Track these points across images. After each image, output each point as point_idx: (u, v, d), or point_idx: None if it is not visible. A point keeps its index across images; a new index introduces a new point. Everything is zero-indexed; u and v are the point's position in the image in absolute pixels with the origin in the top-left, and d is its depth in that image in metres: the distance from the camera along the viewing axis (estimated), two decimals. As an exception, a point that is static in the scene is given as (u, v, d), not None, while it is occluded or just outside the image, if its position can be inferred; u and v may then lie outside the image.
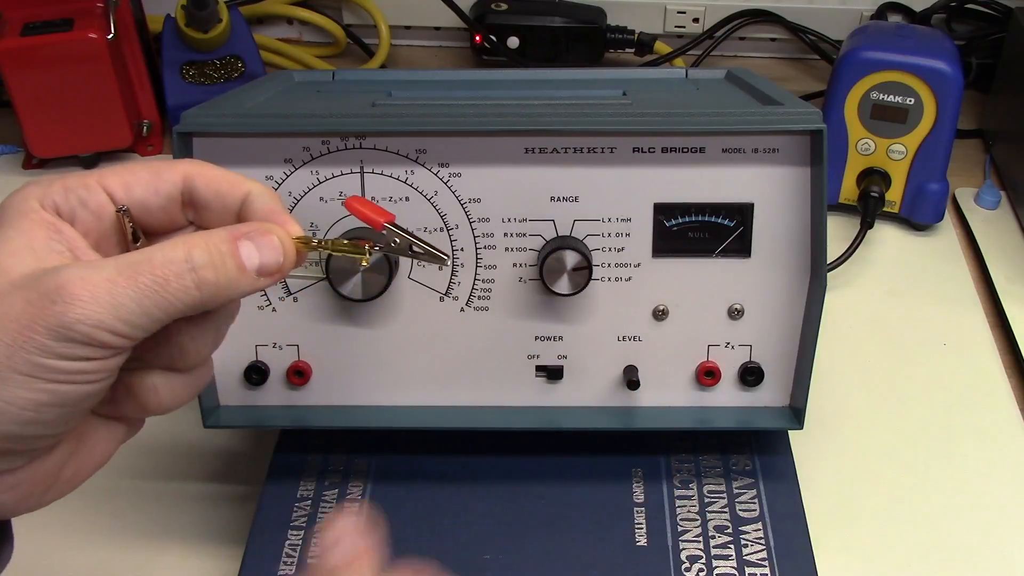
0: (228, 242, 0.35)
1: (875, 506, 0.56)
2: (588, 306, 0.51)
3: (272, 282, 0.37)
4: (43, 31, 0.77)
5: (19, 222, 0.35)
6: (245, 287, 0.36)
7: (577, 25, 0.96)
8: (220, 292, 0.35)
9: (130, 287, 0.33)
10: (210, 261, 0.35)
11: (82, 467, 0.38)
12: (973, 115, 0.91)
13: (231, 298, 0.36)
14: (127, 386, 0.37)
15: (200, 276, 0.34)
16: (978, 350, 0.67)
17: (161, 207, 0.38)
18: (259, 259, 0.36)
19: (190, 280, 0.34)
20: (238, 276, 0.35)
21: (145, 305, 0.33)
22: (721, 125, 0.48)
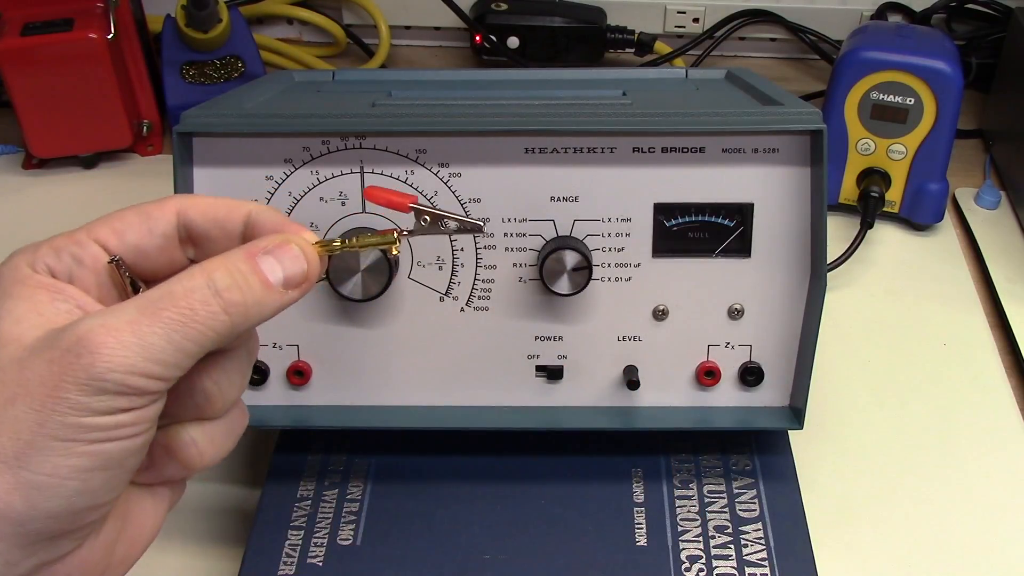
0: (247, 260, 0.34)
1: (875, 506, 0.56)
2: (588, 306, 0.51)
3: (300, 294, 0.35)
4: (43, 31, 0.77)
5: (17, 290, 0.33)
6: (274, 303, 0.34)
7: (577, 25, 0.96)
8: (250, 313, 0.33)
9: (156, 324, 0.31)
10: (233, 282, 0.33)
11: (133, 545, 0.36)
12: (973, 115, 0.92)
13: (262, 319, 0.34)
14: (164, 446, 0.35)
15: (226, 299, 0.32)
16: (978, 350, 0.67)
17: (159, 248, 0.36)
18: (282, 271, 0.34)
19: (217, 305, 0.32)
20: (264, 293, 0.34)
21: (176, 340, 0.31)
22: (721, 125, 0.48)
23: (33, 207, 0.80)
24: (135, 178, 0.84)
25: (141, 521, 0.36)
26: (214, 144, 0.49)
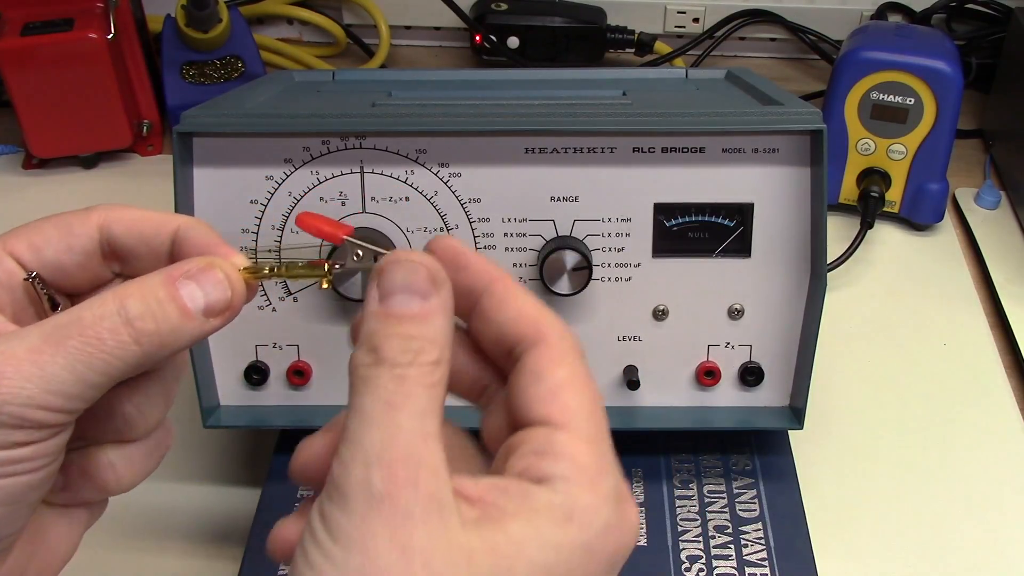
0: (165, 285, 0.31)
1: (875, 506, 0.56)
2: (588, 306, 0.51)
3: (224, 322, 0.33)
4: (43, 31, 0.77)
5: None
6: (192, 333, 0.32)
7: (577, 25, 0.96)
8: (165, 342, 0.31)
9: (59, 354, 0.29)
10: (147, 310, 0.30)
11: (46, 569, 0.34)
12: (973, 115, 0.91)
13: (179, 347, 0.32)
14: (80, 468, 0.33)
15: (138, 328, 0.30)
16: (978, 350, 0.67)
17: (78, 264, 0.34)
18: (204, 299, 0.32)
19: (127, 335, 0.30)
20: (181, 322, 0.31)
21: (80, 371, 0.29)
22: (721, 125, 0.48)
23: (33, 207, 0.80)
24: (135, 178, 0.84)
25: (55, 543, 0.34)
26: (214, 144, 0.49)
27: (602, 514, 0.29)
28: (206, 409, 0.52)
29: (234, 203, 0.50)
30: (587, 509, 0.29)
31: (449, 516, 0.27)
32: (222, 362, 0.52)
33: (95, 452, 0.34)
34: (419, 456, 0.28)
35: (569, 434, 0.30)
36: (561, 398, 0.31)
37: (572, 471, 0.29)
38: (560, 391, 0.31)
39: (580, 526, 0.29)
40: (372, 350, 0.30)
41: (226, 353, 0.52)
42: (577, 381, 0.31)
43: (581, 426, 0.31)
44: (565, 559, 0.28)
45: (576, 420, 0.31)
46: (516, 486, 0.29)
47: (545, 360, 0.31)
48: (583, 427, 0.31)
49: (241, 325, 0.51)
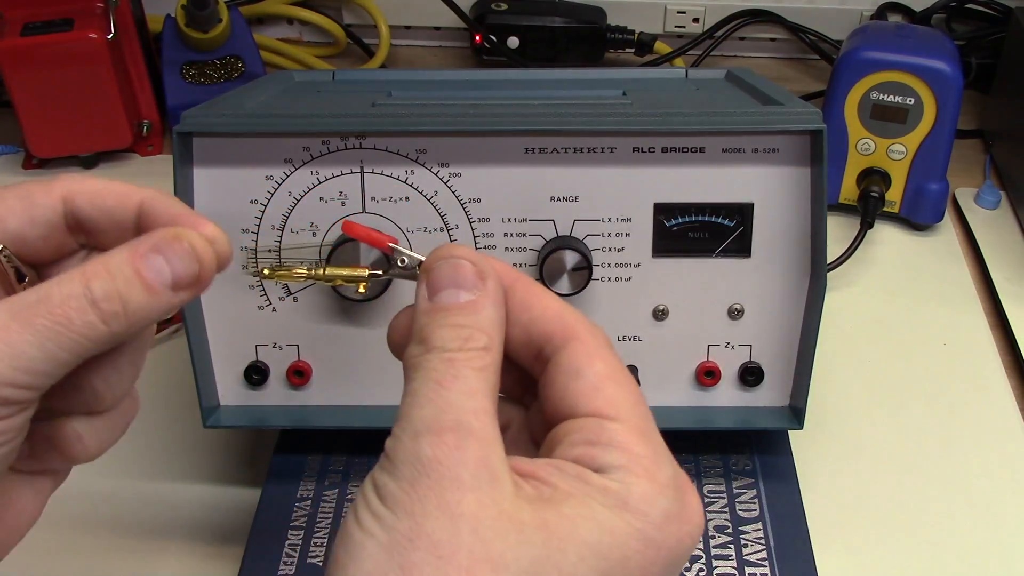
0: (129, 262, 0.31)
1: (875, 506, 0.56)
2: (588, 306, 0.51)
3: (194, 294, 0.32)
4: (43, 31, 0.77)
5: None
6: (160, 307, 0.31)
7: (577, 25, 0.96)
8: (131, 320, 0.31)
9: (28, 332, 0.29)
10: (113, 289, 0.30)
11: (10, 533, 0.34)
12: (973, 115, 0.91)
13: (148, 321, 0.31)
14: (46, 438, 0.34)
15: (104, 310, 0.30)
16: (978, 350, 0.67)
17: (41, 237, 0.34)
18: (171, 273, 0.31)
19: (94, 315, 0.30)
20: (148, 299, 0.31)
21: (48, 349, 0.29)
22: (721, 125, 0.48)
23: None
24: (135, 178, 0.83)
25: (19, 508, 0.35)
26: (214, 144, 0.49)
27: (660, 503, 0.29)
28: (206, 409, 0.52)
29: (234, 203, 0.50)
30: (644, 497, 0.29)
31: (501, 486, 0.28)
32: (222, 362, 0.52)
33: (62, 423, 0.34)
34: (469, 426, 0.28)
35: (621, 424, 0.30)
36: (605, 391, 0.31)
37: (627, 460, 0.29)
38: (603, 385, 0.31)
39: (636, 513, 0.28)
40: (422, 341, 0.31)
41: (226, 353, 0.52)
42: (617, 374, 0.32)
43: (630, 418, 0.31)
44: (620, 543, 0.28)
45: (624, 412, 0.31)
46: (572, 468, 0.29)
47: (581, 356, 0.32)
48: (632, 418, 0.31)
49: (241, 325, 0.52)
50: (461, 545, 0.26)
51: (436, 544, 0.26)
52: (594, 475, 0.29)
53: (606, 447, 0.30)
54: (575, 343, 0.32)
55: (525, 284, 0.33)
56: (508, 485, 0.28)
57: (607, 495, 0.28)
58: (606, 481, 0.29)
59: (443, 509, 0.27)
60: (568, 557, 0.27)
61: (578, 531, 0.27)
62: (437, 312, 0.31)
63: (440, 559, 0.26)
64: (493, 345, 0.31)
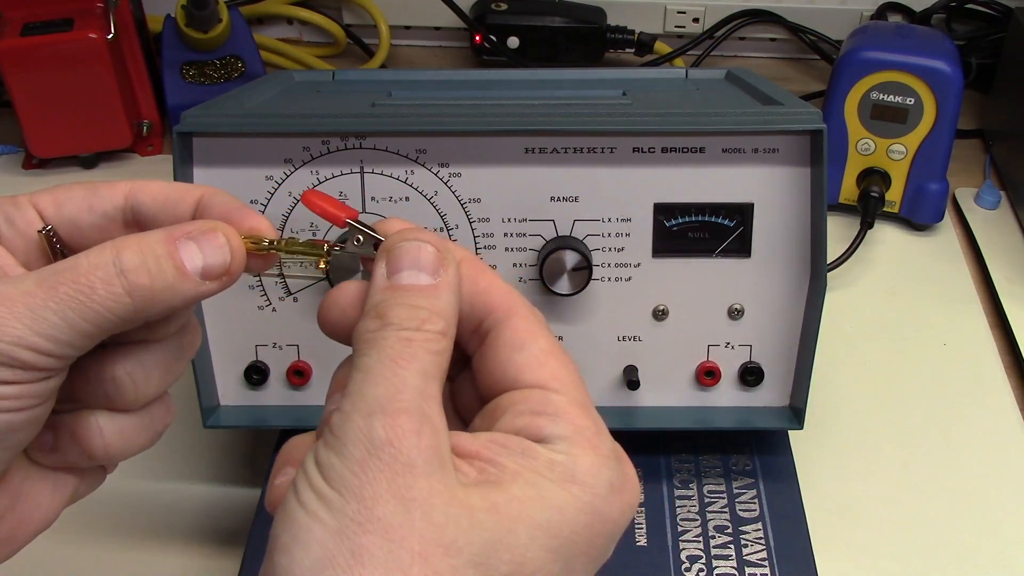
0: (165, 243, 0.31)
1: (875, 506, 0.56)
2: (588, 306, 0.51)
3: (220, 287, 0.32)
4: (43, 31, 0.77)
5: None
6: (187, 292, 0.31)
7: (577, 25, 0.96)
8: (156, 298, 0.31)
9: (51, 298, 0.29)
10: (143, 263, 0.30)
11: (20, 526, 0.34)
12: (973, 115, 0.91)
13: (171, 305, 0.31)
14: (70, 429, 0.33)
15: (131, 281, 0.30)
16: (978, 350, 0.67)
17: (95, 226, 0.34)
18: (202, 260, 0.32)
19: (120, 286, 0.30)
20: (177, 279, 0.31)
21: (70, 317, 0.29)
22: (721, 125, 0.48)
23: (33, 207, 0.80)
24: (135, 178, 0.84)
25: (34, 503, 0.34)
26: (214, 144, 0.49)
27: (604, 474, 0.29)
28: (206, 409, 0.52)
29: (234, 203, 0.50)
30: (589, 470, 0.29)
31: (450, 472, 0.27)
32: (222, 362, 0.52)
33: (86, 415, 0.33)
34: (423, 411, 0.28)
35: (564, 396, 0.30)
36: (549, 365, 0.31)
37: (572, 431, 0.30)
38: (546, 359, 0.31)
39: (583, 487, 0.29)
40: (378, 316, 0.30)
41: (226, 353, 0.52)
42: (558, 352, 0.32)
43: (572, 391, 0.31)
44: (569, 519, 0.28)
45: (567, 386, 0.31)
46: (515, 442, 0.29)
47: (524, 330, 0.32)
48: (574, 392, 0.31)
49: (241, 325, 0.52)
50: (413, 530, 0.26)
51: (387, 528, 0.26)
52: (540, 448, 0.29)
53: (552, 417, 0.30)
54: (518, 318, 0.32)
55: (473, 260, 0.33)
56: (454, 471, 0.28)
57: (554, 469, 0.29)
58: (552, 454, 0.29)
59: (394, 493, 0.26)
60: (519, 538, 0.27)
61: (527, 511, 0.28)
62: (396, 290, 0.31)
63: (392, 543, 0.26)
64: (449, 331, 0.31)
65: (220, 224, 0.33)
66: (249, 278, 0.51)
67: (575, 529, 0.28)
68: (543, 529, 0.28)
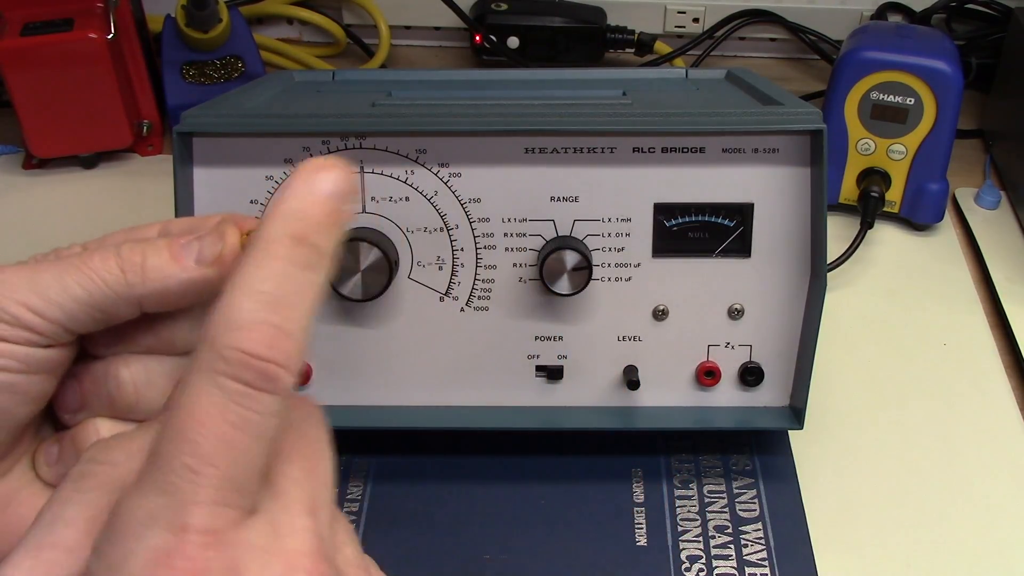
0: (166, 240, 0.34)
1: (875, 506, 0.56)
2: (588, 306, 0.51)
3: (214, 274, 0.33)
4: (43, 31, 0.77)
5: None
6: (178, 274, 0.33)
7: (577, 25, 0.96)
8: (149, 276, 0.32)
9: (52, 265, 0.32)
10: (138, 248, 0.33)
11: (4, 535, 0.34)
12: (973, 115, 0.91)
13: (164, 287, 0.33)
14: (74, 440, 0.34)
15: (125, 258, 0.32)
16: (978, 350, 0.67)
17: None
18: (197, 247, 0.33)
19: (114, 261, 0.32)
20: (170, 262, 0.33)
21: (65, 281, 0.31)
22: (721, 125, 0.48)
23: (33, 207, 0.80)
24: (135, 178, 0.84)
25: (26, 515, 0.33)
26: (214, 144, 0.49)
27: None
28: (206, 409, 0.52)
29: (234, 203, 0.50)
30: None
31: None
32: (222, 362, 0.52)
33: (89, 423, 0.34)
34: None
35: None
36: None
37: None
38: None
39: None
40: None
41: (226, 353, 0.52)
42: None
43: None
44: None
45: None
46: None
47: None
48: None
49: (241, 325, 0.52)
50: None
51: None
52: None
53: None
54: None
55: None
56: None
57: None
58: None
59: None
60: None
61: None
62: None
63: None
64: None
65: (222, 222, 0.34)
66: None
67: None
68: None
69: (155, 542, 0.26)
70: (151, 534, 0.26)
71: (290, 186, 0.29)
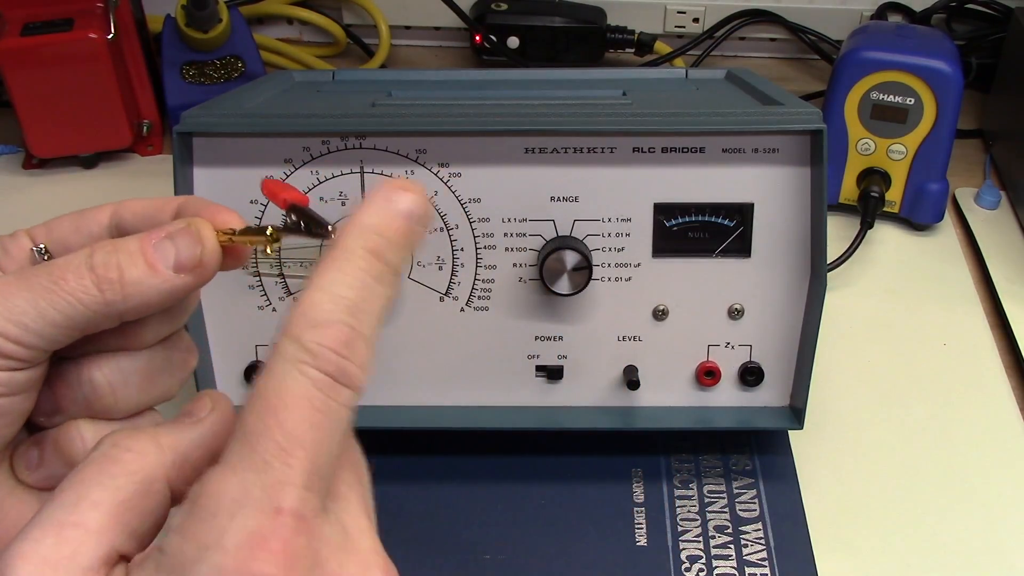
0: (138, 240, 0.32)
1: (875, 506, 0.56)
2: (588, 306, 0.51)
3: (196, 280, 0.33)
4: (43, 31, 0.77)
5: None
6: (158, 285, 0.32)
7: (577, 25, 0.96)
8: (128, 292, 0.31)
9: (23, 288, 0.30)
10: (113, 258, 0.31)
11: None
12: (973, 115, 0.91)
13: (145, 300, 0.32)
14: (54, 443, 0.34)
15: (100, 275, 0.31)
16: (978, 350, 0.67)
17: (83, 244, 0.34)
18: (175, 255, 0.32)
19: (89, 280, 0.31)
20: (147, 273, 0.32)
21: (40, 306, 0.30)
22: (721, 125, 0.48)
23: (33, 207, 0.80)
24: (135, 178, 0.84)
25: (15, 523, 0.33)
26: (214, 144, 0.49)
27: None
28: (206, 409, 0.52)
29: (234, 203, 0.49)
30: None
31: None
32: (222, 362, 0.52)
33: (69, 425, 0.34)
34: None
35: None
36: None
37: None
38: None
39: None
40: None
41: (226, 353, 0.52)
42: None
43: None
44: None
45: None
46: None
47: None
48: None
49: (241, 325, 0.52)
50: None
51: None
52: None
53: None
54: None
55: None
56: None
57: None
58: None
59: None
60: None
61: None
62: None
63: None
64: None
65: (194, 220, 0.33)
66: (249, 278, 0.51)
67: None
68: None
69: (251, 523, 0.26)
70: (246, 513, 0.26)
71: (371, 201, 0.31)
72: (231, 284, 0.51)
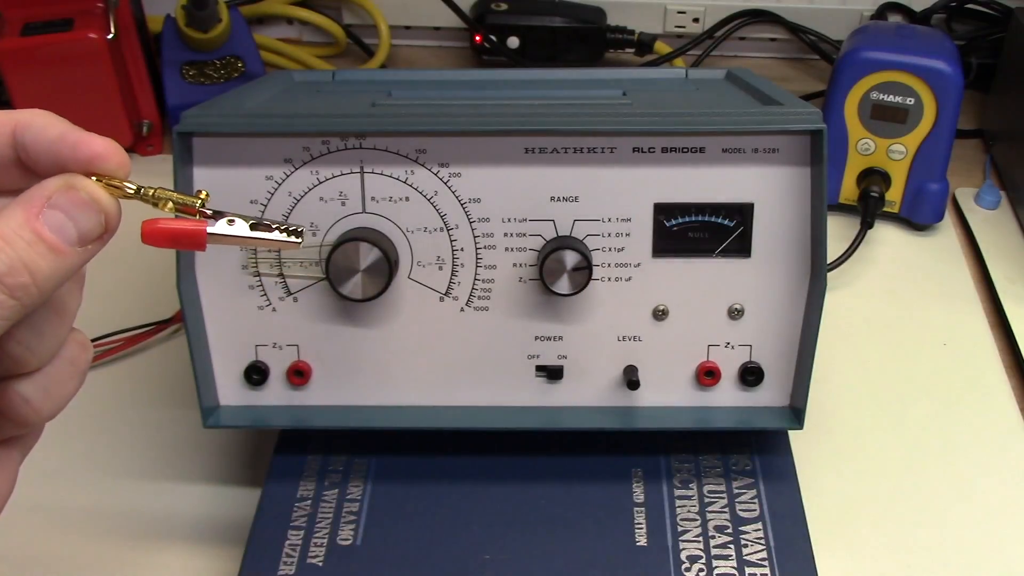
0: (27, 225, 0.30)
1: (875, 506, 0.56)
2: (588, 306, 0.51)
3: (103, 244, 0.31)
4: (43, 31, 0.77)
5: None
6: (71, 265, 0.30)
7: (577, 25, 0.96)
8: (44, 286, 0.30)
9: None
10: (16, 260, 0.29)
11: None
12: (973, 115, 0.92)
13: (61, 282, 0.30)
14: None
15: (10, 284, 0.29)
16: (978, 350, 0.67)
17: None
18: (75, 229, 0.30)
19: (2, 293, 0.29)
20: (56, 261, 0.30)
21: None
22: (721, 125, 0.48)
23: (33, 207, 0.80)
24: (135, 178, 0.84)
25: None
26: (214, 144, 0.49)
27: None
28: (206, 409, 0.52)
29: (234, 203, 0.50)
30: None
31: None
32: (222, 362, 0.52)
33: (5, 389, 0.32)
34: None
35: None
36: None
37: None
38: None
39: None
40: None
41: (226, 353, 0.52)
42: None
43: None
44: None
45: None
46: None
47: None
48: None
49: (241, 325, 0.52)
50: None
51: None
52: None
53: None
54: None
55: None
56: None
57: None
58: None
59: None
60: None
61: None
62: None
63: None
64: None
65: (74, 178, 0.31)
66: (249, 278, 0.51)
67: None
68: None
69: None
70: None
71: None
72: (231, 284, 0.51)
